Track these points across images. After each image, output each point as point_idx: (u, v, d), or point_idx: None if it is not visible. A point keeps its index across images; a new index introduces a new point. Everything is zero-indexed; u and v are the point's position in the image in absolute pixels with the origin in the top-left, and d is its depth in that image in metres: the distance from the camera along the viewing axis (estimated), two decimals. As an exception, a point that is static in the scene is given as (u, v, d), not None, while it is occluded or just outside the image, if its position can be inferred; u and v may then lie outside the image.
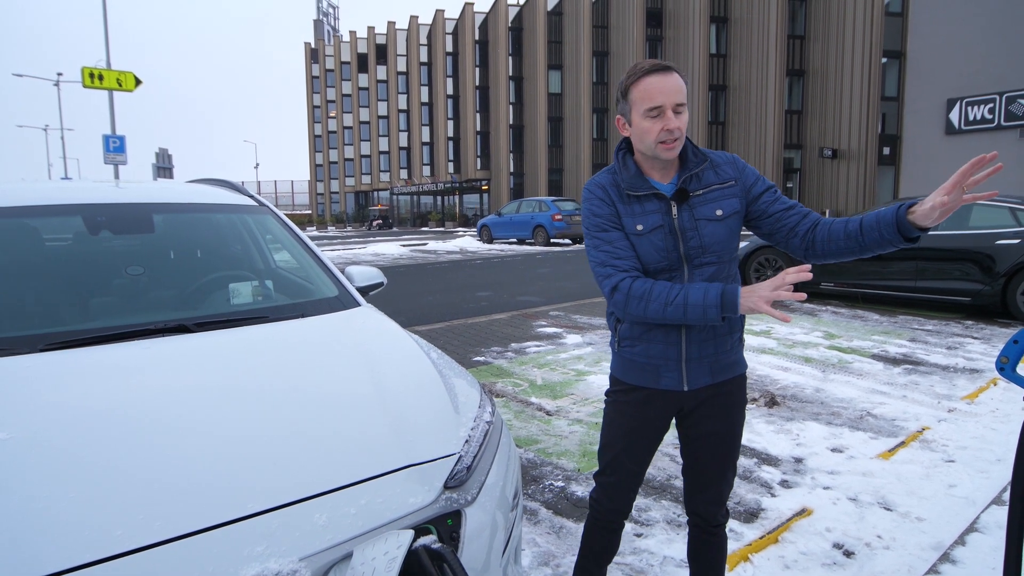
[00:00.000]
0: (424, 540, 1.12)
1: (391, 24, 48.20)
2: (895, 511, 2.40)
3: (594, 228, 1.43)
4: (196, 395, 1.40)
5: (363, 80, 51.71)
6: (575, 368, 4.53)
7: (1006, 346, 1.28)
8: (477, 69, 41.68)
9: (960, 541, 2.16)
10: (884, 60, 23.76)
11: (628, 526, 2.29)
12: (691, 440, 1.54)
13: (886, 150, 23.80)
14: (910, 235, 1.27)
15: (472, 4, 41.35)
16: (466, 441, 1.42)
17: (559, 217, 17.99)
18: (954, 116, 15.52)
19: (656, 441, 1.55)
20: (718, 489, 1.54)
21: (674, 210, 1.40)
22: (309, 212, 57.00)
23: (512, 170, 39.76)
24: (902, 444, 3.08)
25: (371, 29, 50.07)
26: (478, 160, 41.96)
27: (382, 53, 49.72)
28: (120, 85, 12.55)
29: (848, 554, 2.12)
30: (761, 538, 2.22)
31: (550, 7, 36.57)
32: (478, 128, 42.02)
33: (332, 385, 1.54)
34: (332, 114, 54.66)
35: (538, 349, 5.14)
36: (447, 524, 1.23)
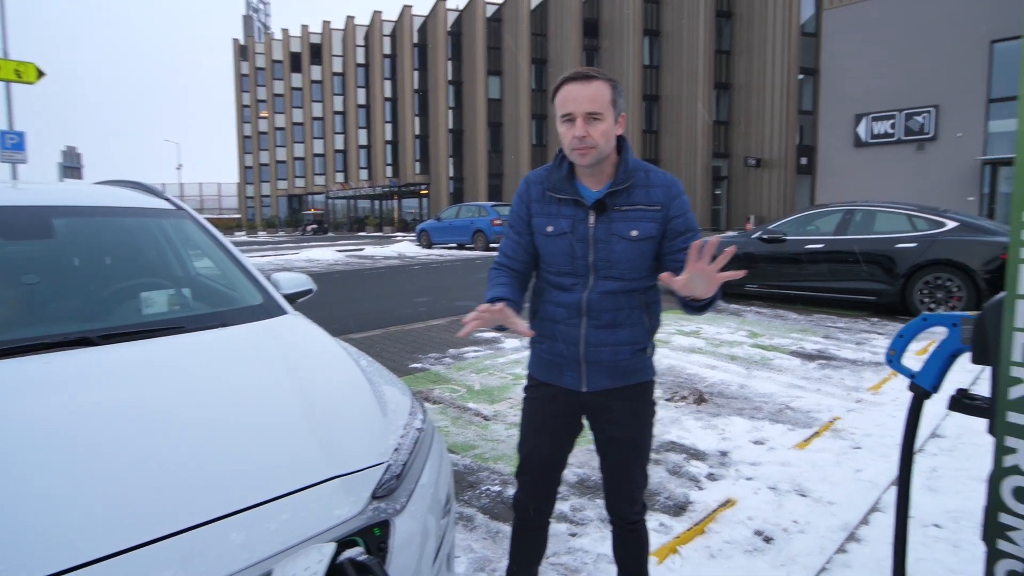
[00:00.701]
0: (350, 552, 1.09)
1: (326, 24, 46.91)
2: (809, 497, 2.57)
3: (506, 222, 1.59)
4: (97, 413, 1.30)
5: (296, 80, 49.94)
6: (513, 372, 4.55)
7: (894, 340, 1.41)
8: (416, 72, 41.28)
9: (864, 521, 2.34)
10: (800, 76, 25.53)
11: (563, 526, 2.33)
12: (599, 443, 1.59)
13: (803, 160, 25.57)
14: (686, 302, 1.32)
15: (411, 7, 40.96)
16: (396, 449, 1.40)
17: (498, 222, 18.07)
18: (861, 130, 16.82)
19: (566, 439, 1.59)
20: (629, 489, 1.58)
21: (591, 219, 1.43)
22: (238, 216, 54.34)
23: (452, 175, 39.60)
24: (816, 434, 3.31)
25: (305, 28, 48.51)
26: (417, 164, 41.52)
27: (316, 53, 48.26)
28: (19, 76, 11.42)
29: (767, 540, 2.25)
30: (688, 530, 2.31)
31: (489, 13, 36.81)
32: (417, 132, 41.59)
33: (253, 396, 1.48)
34: (263, 114, 52.41)
35: (476, 354, 5.13)
36: (374, 534, 1.21)
